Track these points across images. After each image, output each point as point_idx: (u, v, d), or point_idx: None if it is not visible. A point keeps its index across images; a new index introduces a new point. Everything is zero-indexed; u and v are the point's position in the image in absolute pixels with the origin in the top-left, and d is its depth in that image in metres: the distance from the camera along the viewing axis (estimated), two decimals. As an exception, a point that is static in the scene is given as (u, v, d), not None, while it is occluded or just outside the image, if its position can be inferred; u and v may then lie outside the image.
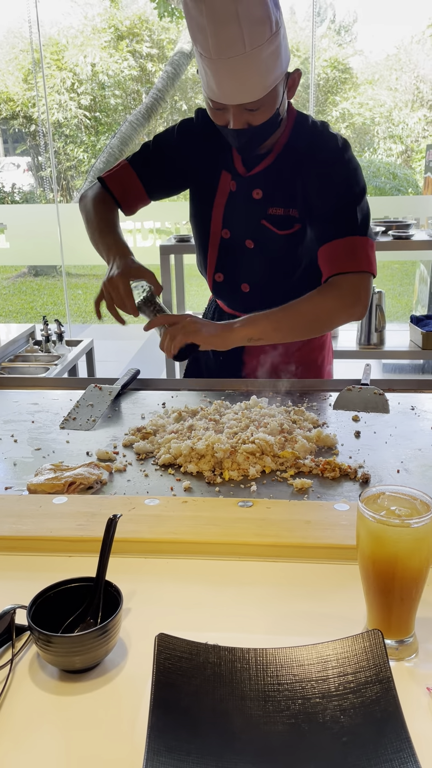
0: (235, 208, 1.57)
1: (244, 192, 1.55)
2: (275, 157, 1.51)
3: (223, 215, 1.59)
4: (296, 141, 1.49)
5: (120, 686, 0.72)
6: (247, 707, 0.67)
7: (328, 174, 1.47)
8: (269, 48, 1.28)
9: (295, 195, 1.51)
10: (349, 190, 1.47)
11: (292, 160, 1.50)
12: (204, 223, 1.63)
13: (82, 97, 13.49)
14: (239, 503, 1.05)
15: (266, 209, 1.53)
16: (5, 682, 0.73)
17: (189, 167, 1.61)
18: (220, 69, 1.29)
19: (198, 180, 1.62)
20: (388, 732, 0.64)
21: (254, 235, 1.56)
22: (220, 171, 1.57)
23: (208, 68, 1.31)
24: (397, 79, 14.65)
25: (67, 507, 1.05)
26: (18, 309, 8.43)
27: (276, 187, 1.52)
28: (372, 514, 0.72)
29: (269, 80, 1.32)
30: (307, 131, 1.50)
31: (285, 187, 1.51)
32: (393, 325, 3.78)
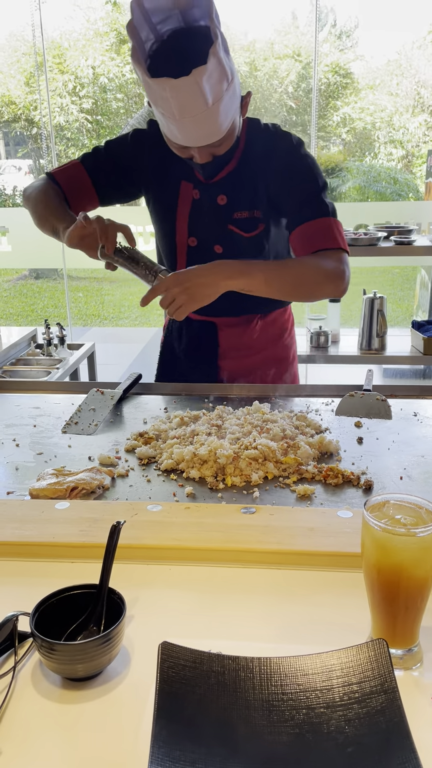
0: (201, 216, 1.60)
1: (209, 199, 1.58)
2: (236, 162, 1.55)
3: (188, 224, 1.61)
4: (253, 144, 1.54)
5: (123, 695, 0.72)
6: (251, 717, 0.67)
7: (290, 169, 1.53)
8: (227, 96, 1.35)
9: (258, 196, 1.56)
10: (313, 181, 1.54)
11: (251, 163, 1.55)
12: (169, 234, 1.64)
13: (83, 101, 13.51)
14: (242, 510, 1.04)
15: (232, 214, 1.57)
16: (8, 689, 0.72)
17: (144, 177, 1.63)
18: (184, 125, 1.34)
19: (155, 191, 1.63)
20: (393, 742, 0.63)
21: (222, 240, 1.59)
22: (179, 181, 1.59)
23: (171, 123, 1.36)
24: (398, 84, 14.67)
25: (70, 512, 1.05)
26: (19, 311, 8.44)
27: (239, 191, 1.56)
28: (377, 523, 0.72)
29: (229, 120, 1.39)
30: (262, 133, 1.56)
31: (248, 190, 1.56)
32: (394, 330, 3.79)
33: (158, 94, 1.31)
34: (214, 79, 1.30)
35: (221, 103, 1.33)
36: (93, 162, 1.62)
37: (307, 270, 1.49)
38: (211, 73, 1.28)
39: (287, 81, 14.19)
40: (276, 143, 1.54)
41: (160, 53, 1.34)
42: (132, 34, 1.32)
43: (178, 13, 1.34)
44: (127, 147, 1.61)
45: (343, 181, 12.76)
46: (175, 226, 1.62)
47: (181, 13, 1.34)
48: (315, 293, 1.54)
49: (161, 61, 1.33)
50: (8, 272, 10.40)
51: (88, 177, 1.61)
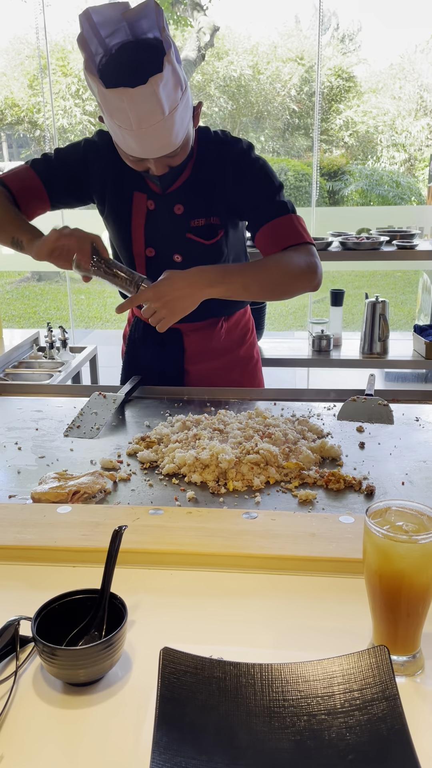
0: (157, 226, 1.59)
1: (165, 209, 1.58)
2: (190, 171, 1.56)
3: (144, 234, 1.60)
4: (205, 152, 1.56)
5: (124, 700, 0.72)
6: (252, 723, 0.67)
7: (243, 172, 1.55)
8: (182, 104, 1.36)
9: (215, 203, 1.57)
10: (269, 182, 1.56)
11: (205, 171, 1.56)
12: (126, 245, 1.63)
13: (87, 103, 13.54)
14: (244, 515, 1.04)
15: (189, 222, 1.58)
16: (9, 694, 0.72)
17: (95, 188, 1.62)
18: (141, 136, 1.34)
19: (108, 202, 1.62)
20: (395, 750, 0.63)
21: (181, 249, 1.60)
22: (132, 192, 1.59)
23: (128, 135, 1.35)
24: (401, 88, 14.69)
25: (72, 516, 1.05)
26: (21, 314, 8.45)
27: (196, 200, 1.57)
28: (379, 529, 0.72)
29: (184, 129, 1.40)
30: (212, 141, 1.57)
31: (204, 198, 1.57)
32: (396, 334, 3.78)
33: (115, 106, 1.31)
34: (169, 87, 1.30)
35: (176, 112, 1.34)
36: (44, 166, 1.61)
37: (282, 269, 1.51)
38: (167, 81, 1.29)
39: (290, 84, 14.21)
40: (227, 150, 1.56)
41: (111, 66, 1.34)
42: (83, 47, 1.33)
43: (125, 25, 1.34)
44: (79, 156, 1.61)
45: (346, 185, 12.78)
46: (131, 237, 1.61)
47: (128, 26, 1.35)
48: (291, 290, 1.56)
49: (115, 72, 1.33)
50: (11, 274, 10.42)
51: (39, 180, 1.60)
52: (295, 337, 4.96)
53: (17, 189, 1.60)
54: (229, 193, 1.56)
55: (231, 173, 1.55)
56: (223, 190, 1.56)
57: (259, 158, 1.58)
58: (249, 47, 14.36)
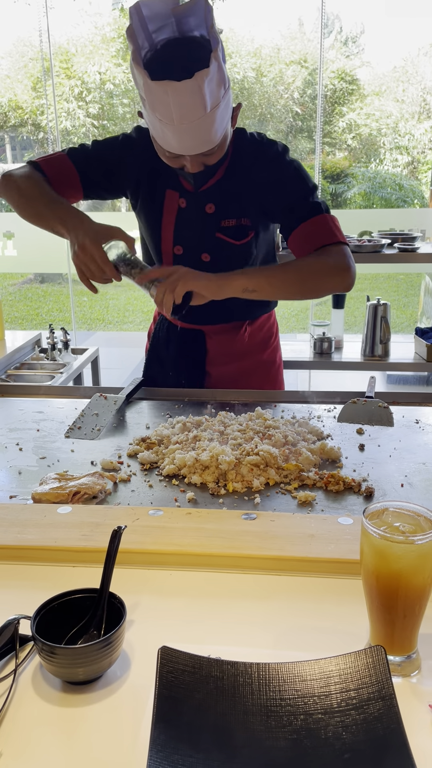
0: (187, 225, 1.60)
1: (196, 208, 1.58)
2: (224, 171, 1.56)
3: (173, 232, 1.61)
4: (240, 153, 1.56)
5: (123, 698, 0.73)
6: (250, 722, 0.67)
7: (278, 174, 1.56)
8: (224, 102, 1.37)
9: (247, 204, 1.57)
10: (303, 184, 1.56)
11: (239, 172, 1.56)
12: (155, 241, 1.64)
13: (90, 106, 13.57)
14: (243, 516, 1.05)
15: (219, 222, 1.58)
16: (8, 692, 0.73)
17: (129, 183, 1.63)
18: (181, 131, 1.35)
19: (140, 199, 1.63)
20: (390, 749, 0.64)
21: (210, 249, 1.60)
22: (165, 190, 1.59)
23: (167, 130, 1.36)
24: (404, 91, 14.70)
25: (72, 517, 1.05)
26: (24, 315, 8.46)
27: (228, 200, 1.57)
28: (376, 530, 0.72)
29: (224, 127, 1.41)
30: (248, 142, 1.57)
31: (236, 198, 1.57)
32: (398, 336, 3.79)
33: (158, 99, 1.31)
34: (213, 84, 1.31)
35: (218, 110, 1.35)
36: (80, 156, 1.61)
37: (312, 268, 1.51)
38: (212, 78, 1.30)
39: (293, 87, 14.23)
40: (262, 151, 1.56)
41: (157, 59, 1.35)
42: (131, 39, 1.34)
43: (173, 21, 1.35)
44: (116, 149, 1.61)
45: (349, 187, 12.78)
46: (160, 235, 1.62)
47: (176, 22, 1.35)
48: (322, 285, 1.56)
49: (162, 65, 1.34)
50: (14, 276, 10.44)
51: (75, 170, 1.59)
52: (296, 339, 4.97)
53: (53, 175, 1.58)
54: (263, 194, 1.56)
55: (265, 175, 1.55)
56: (257, 191, 1.56)
57: (293, 160, 1.58)
58: (252, 50, 14.38)
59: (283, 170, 1.56)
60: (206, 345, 1.73)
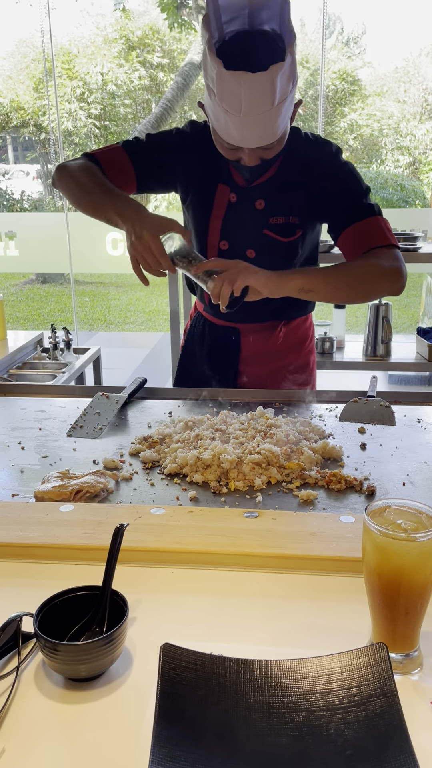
0: (236, 220, 1.59)
1: (247, 203, 1.58)
2: (277, 168, 1.56)
3: (221, 227, 1.60)
4: (294, 151, 1.54)
5: (125, 695, 0.73)
6: (252, 719, 0.68)
7: (331, 174, 1.55)
8: (290, 97, 1.38)
9: (296, 203, 1.57)
10: (356, 185, 1.56)
11: (292, 170, 1.56)
12: (201, 235, 1.63)
13: (92, 107, 13.58)
14: (245, 514, 1.05)
15: (268, 219, 1.57)
16: (11, 689, 0.73)
17: (182, 176, 1.63)
18: (246, 123, 1.35)
19: (192, 192, 1.64)
20: (392, 745, 0.64)
21: (256, 245, 1.59)
22: (216, 184, 1.59)
23: (231, 121, 1.36)
24: (406, 92, 14.70)
25: (74, 515, 1.06)
26: (26, 316, 8.47)
27: (278, 197, 1.57)
28: (378, 528, 0.73)
29: (286, 122, 1.42)
30: (303, 141, 1.57)
31: (286, 196, 1.56)
32: (399, 336, 3.79)
33: (230, 89, 1.31)
34: (285, 79, 1.32)
35: (284, 105, 1.35)
36: (136, 148, 1.60)
37: (366, 270, 1.49)
38: (284, 72, 1.31)
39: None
40: (317, 151, 1.56)
41: (229, 50, 1.35)
42: (206, 27, 1.35)
43: (246, 13, 1.35)
44: (170, 143, 1.61)
45: (350, 188, 12.74)
46: (207, 229, 1.61)
47: (249, 14, 1.35)
48: (372, 292, 1.54)
49: (237, 55, 1.33)
50: (15, 276, 10.45)
51: (130, 162, 1.59)
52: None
53: (108, 167, 1.57)
54: (314, 194, 1.55)
55: (318, 174, 1.54)
56: (308, 190, 1.55)
57: (347, 162, 1.58)
58: (254, 50, 14.36)
59: (337, 170, 1.56)
60: (240, 343, 1.73)
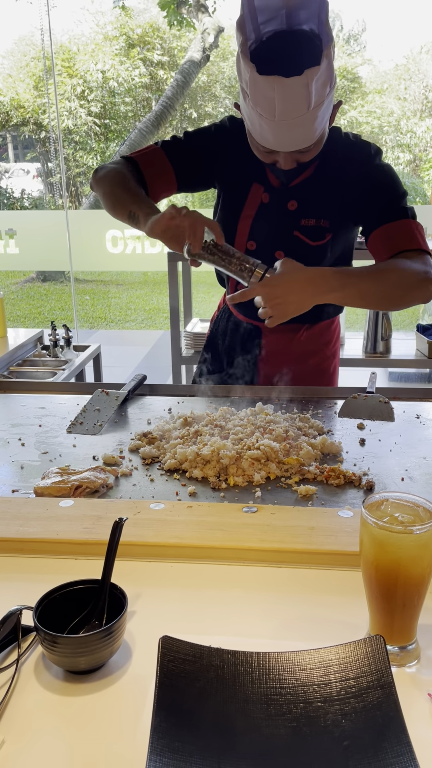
0: (266, 220, 1.57)
1: (279, 204, 1.56)
2: (313, 170, 1.53)
3: (250, 227, 1.58)
4: (331, 153, 1.51)
5: (124, 687, 0.73)
6: (250, 710, 0.68)
7: (368, 176, 1.52)
8: (327, 101, 1.34)
9: (329, 205, 1.54)
10: (392, 187, 1.52)
11: (328, 172, 1.53)
12: (229, 233, 1.60)
13: (92, 104, 13.57)
14: (244, 509, 1.05)
15: (299, 220, 1.55)
16: (11, 681, 0.74)
17: (220, 172, 1.61)
18: (281, 128, 1.33)
19: (227, 189, 1.63)
20: (389, 736, 0.64)
21: (285, 247, 1.56)
22: (251, 183, 1.58)
23: (266, 125, 1.34)
24: (406, 89, 14.69)
25: (74, 510, 1.06)
26: (26, 314, 8.47)
27: (311, 198, 1.54)
28: (375, 521, 0.73)
29: (323, 126, 1.38)
30: (341, 142, 1.54)
31: (320, 198, 1.54)
32: (399, 333, 3.79)
33: (263, 93, 1.29)
34: (320, 83, 1.28)
35: (320, 109, 1.32)
36: (174, 148, 1.59)
37: (400, 279, 1.43)
38: (320, 76, 1.27)
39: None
40: (354, 152, 1.53)
41: (264, 52, 1.33)
42: (240, 30, 1.32)
43: (284, 14, 1.32)
44: (209, 140, 1.60)
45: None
46: (236, 228, 1.59)
47: (287, 15, 1.32)
48: (406, 302, 1.49)
49: (270, 59, 1.31)
50: (16, 274, 10.45)
51: (168, 162, 1.58)
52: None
53: (147, 169, 1.57)
54: (350, 195, 1.52)
55: (355, 175, 1.51)
56: (342, 192, 1.53)
57: (386, 164, 1.54)
58: (254, 48, 14.35)
59: (373, 172, 1.52)
60: (261, 342, 1.72)
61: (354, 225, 1.59)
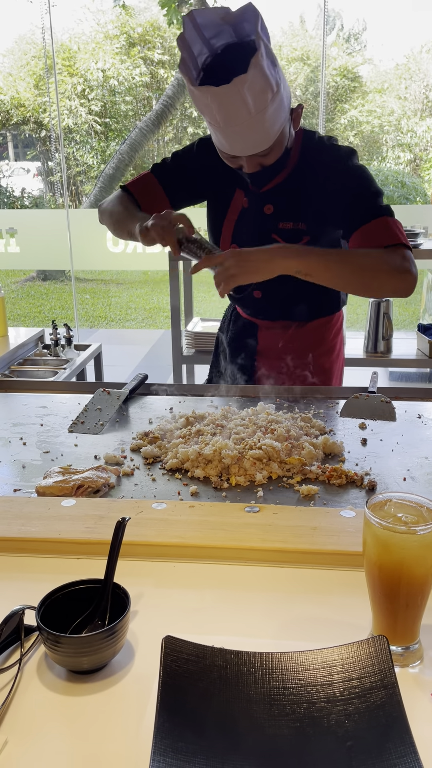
0: (246, 224, 1.62)
1: (256, 207, 1.60)
2: (287, 174, 1.57)
3: (233, 231, 1.64)
4: (306, 157, 1.56)
5: (127, 687, 0.73)
6: (253, 710, 0.68)
7: (341, 178, 1.54)
8: (272, 106, 1.37)
9: (305, 209, 1.57)
10: (366, 188, 1.53)
11: (302, 176, 1.56)
12: (214, 238, 1.68)
13: (92, 103, 13.56)
14: (246, 508, 1.05)
15: (277, 224, 1.59)
16: (14, 681, 0.73)
17: (207, 182, 1.67)
18: (229, 134, 1.39)
19: (215, 196, 1.68)
20: (393, 737, 0.64)
21: None
22: (235, 189, 1.63)
23: (218, 132, 1.41)
24: (407, 88, 14.67)
25: (76, 510, 1.06)
26: (26, 313, 8.47)
27: (286, 203, 1.58)
28: (378, 521, 0.73)
29: (275, 130, 1.41)
30: (315, 147, 1.57)
31: (295, 202, 1.57)
32: (400, 333, 3.78)
33: (202, 103, 1.36)
34: (256, 89, 1.32)
35: (266, 113, 1.35)
36: (162, 170, 1.68)
37: (371, 261, 1.45)
38: (252, 83, 1.31)
39: (295, 84, 14.21)
40: (327, 155, 1.56)
41: (200, 66, 1.40)
42: (183, 47, 1.37)
43: (229, 28, 1.37)
44: (192, 156, 1.67)
45: (351, 185, 12.72)
46: (221, 232, 1.66)
47: (232, 28, 1.38)
48: (378, 286, 1.50)
49: (204, 71, 1.39)
50: (16, 273, 10.44)
51: (159, 184, 1.67)
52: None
53: (140, 195, 1.66)
54: (325, 198, 1.54)
55: (328, 178, 1.53)
56: (319, 195, 1.54)
57: (359, 165, 1.56)
58: (254, 47, 14.33)
59: (347, 173, 1.54)
60: (257, 337, 1.77)
61: (333, 228, 1.60)
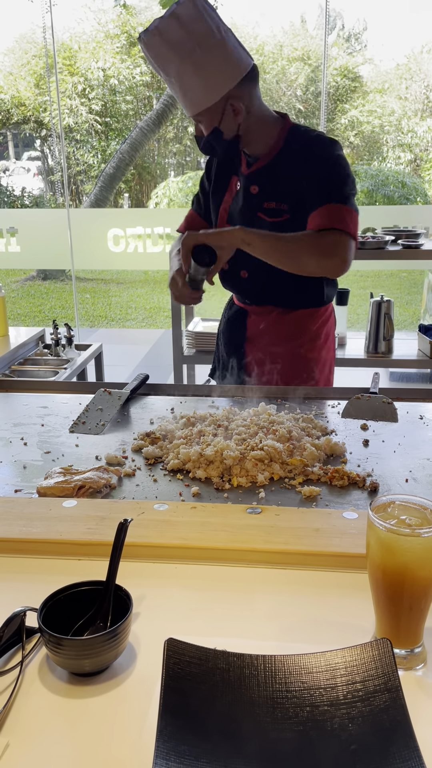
0: (237, 203, 1.79)
1: (244, 187, 1.76)
2: (271, 158, 1.71)
3: (228, 211, 1.80)
4: (290, 144, 1.69)
5: (129, 690, 0.73)
6: (256, 713, 0.68)
7: (318, 163, 1.65)
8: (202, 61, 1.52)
9: (286, 191, 1.69)
10: (339, 175, 1.64)
11: (286, 161, 1.69)
12: (214, 220, 1.84)
13: (93, 103, 13.54)
14: (248, 510, 1.05)
15: (261, 203, 1.72)
16: (15, 683, 0.73)
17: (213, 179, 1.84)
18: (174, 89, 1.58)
19: (217, 186, 1.84)
20: (397, 740, 0.64)
21: (251, 226, 1.65)
22: (231, 176, 1.81)
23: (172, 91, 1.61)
24: (407, 88, 14.66)
25: (77, 510, 1.06)
26: (27, 312, 8.46)
27: (270, 184, 1.71)
28: (382, 523, 0.72)
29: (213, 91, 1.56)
30: (300, 137, 1.70)
31: (276, 183, 1.70)
32: (401, 333, 3.78)
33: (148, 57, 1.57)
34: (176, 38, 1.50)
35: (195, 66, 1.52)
36: (197, 204, 1.92)
37: (309, 245, 1.58)
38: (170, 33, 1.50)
39: (296, 84, 14.20)
40: (310, 143, 1.67)
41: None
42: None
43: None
44: (204, 174, 1.89)
45: (351, 185, 12.71)
46: (218, 213, 1.83)
47: None
48: (304, 263, 1.60)
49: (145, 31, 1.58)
50: (17, 273, 10.44)
51: (199, 217, 1.91)
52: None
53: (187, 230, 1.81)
54: (305, 181, 1.64)
55: (308, 162, 1.64)
56: (300, 178, 1.65)
57: (340, 155, 1.66)
58: (255, 47, 14.34)
59: (323, 158, 1.64)
60: (246, 323, 1.86)
61: (311, 209, 1.69)
